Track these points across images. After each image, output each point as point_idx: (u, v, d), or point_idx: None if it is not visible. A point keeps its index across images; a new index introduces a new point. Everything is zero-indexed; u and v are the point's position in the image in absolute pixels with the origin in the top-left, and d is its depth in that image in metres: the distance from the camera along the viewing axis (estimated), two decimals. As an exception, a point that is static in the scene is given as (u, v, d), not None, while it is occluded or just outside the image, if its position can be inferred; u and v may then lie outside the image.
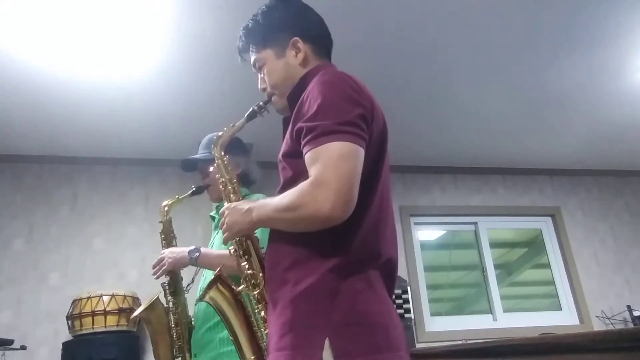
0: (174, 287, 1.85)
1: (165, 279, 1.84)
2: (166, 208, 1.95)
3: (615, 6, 2.61)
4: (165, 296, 1.86)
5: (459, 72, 3.13)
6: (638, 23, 2.76)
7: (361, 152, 0.98)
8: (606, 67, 3.16)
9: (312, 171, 0.97)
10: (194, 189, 1.96)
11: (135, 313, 1.85)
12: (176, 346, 1.79)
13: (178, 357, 1.78)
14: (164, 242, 1.94)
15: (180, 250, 1.77)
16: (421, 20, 2.64)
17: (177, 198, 1.98)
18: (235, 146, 1.89)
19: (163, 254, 1.81)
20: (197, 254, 1.71)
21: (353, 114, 0.99)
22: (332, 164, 0.94)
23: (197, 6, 2.41)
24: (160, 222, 1.95)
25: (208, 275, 1.70)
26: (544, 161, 4.54)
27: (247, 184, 1.94)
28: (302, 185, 0.97)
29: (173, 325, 1.81)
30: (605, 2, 2.58)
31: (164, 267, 1.77)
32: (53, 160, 3.78)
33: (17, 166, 3.73)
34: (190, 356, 1.77)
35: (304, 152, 1.01)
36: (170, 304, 1.84)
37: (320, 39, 1.24)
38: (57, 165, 3.79)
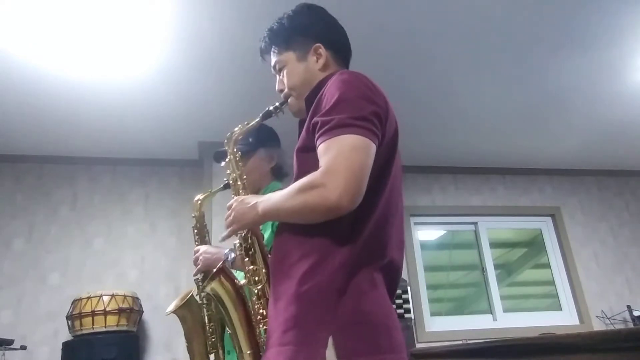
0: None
1: (199, 276, 1.81)
2: (199, 202, 1.91)
3: (615, 6, 2.61)
4: (199, 292, 1.84)
5: (459, 72, 3.13)
6: (638, 23, 2.77)
7: (373, 147, 1.00)
8: (606, 67, 3.16)
9: (323, 161, 0.98)
10: (227, 182, 1.93)
11: (171, 309, 1.81)
12: (209, 342, 1.77)
13: (211, 352, 1.76)
14: (196, 237, 1.91)
15: (215, 251, 1.73)
16: (421, 21, 2.64)
17: (210, 191, 1.93)
18: (270, 138, 1.84)
19: (198, 251, 1.78)
20: (234, 256, 1.68)
21: (368, 111, 1.01)
22: (343, 155, 0.96)
23: (197, 6, 2.41)
24: (193, 216, 1.92)
25: (240, 276, 1.69)
26: (544, 161, 4.54)
27: (279, 177, 1.86)
28: (312, 174, 0.99)
29: (207, 322, 1.79)
30: (605, 2, 2.58)
31: (198, 267, 1.75)
32: (53, 160, 3.78)
33: (17, 166, 3.73)
34: (224, 352, 1.74)
35: (317, 144, 1.02)
36: (204, 300, 1.81)
37: (341, 48, 1.28)
38: (57, 165, 3.79)
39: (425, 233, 4.39)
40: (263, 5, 1.18)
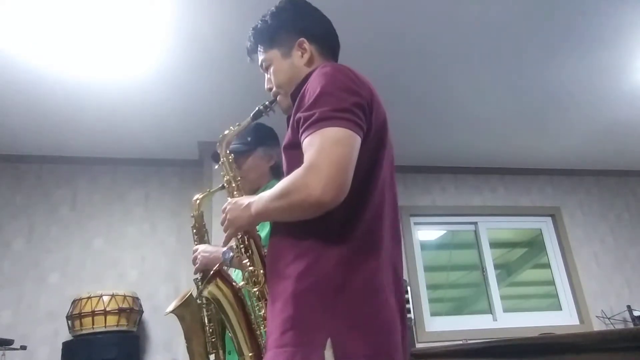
0: None
1: (197, 275, 1.80)
2: (197, 202, 1.90)
3: (615, 6, 2.61)
4: (198, 293, 1.83)
5: (459, 72, 3.13)
6: (638, 23, 2.76)
7: (356, 138, 0.98)
8: (606, 67, 3.16)
9: (306, 157, 0.97)
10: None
11: (170, 309, 1.80)
12: (210, 342, 1.76)
13: (212, 353, 1.75)
14: (195, 236, 1.91)
15: (213, 250, 1.72)
16: (421, 21, 2.64)
17: (209, 191, 1.93)
18: (269, 137, 1.84)
19: (196, 250, 1.77)
20: (231, 255, 1.67)
21: (350, 102, 1.00)
22: (324, 149, 0.95)
23: (197, 6, 2.41)
24: (192, 216, 1.91)
25: (239, 273, 1.67)
26: (544, 161, 4.53)
27: (278, 175, 1.83)
28: (295, 172, 0.97)
29: (206, 322, 1.78)
30: (606, 2, 2.58)
31: (197, 266, 1.74)
32: (53, 160, 3.78)
33: (17, 166, 3.73)
34: (224, 352, 1.73)
35: (302, 140, 1.01)
36: (203, 301, 1.79)
37: (326, 40, 1.26)
38: (57, 165, 3.79)
39: (425, 233, 4.39)
40: (263, 5, 1.18)
